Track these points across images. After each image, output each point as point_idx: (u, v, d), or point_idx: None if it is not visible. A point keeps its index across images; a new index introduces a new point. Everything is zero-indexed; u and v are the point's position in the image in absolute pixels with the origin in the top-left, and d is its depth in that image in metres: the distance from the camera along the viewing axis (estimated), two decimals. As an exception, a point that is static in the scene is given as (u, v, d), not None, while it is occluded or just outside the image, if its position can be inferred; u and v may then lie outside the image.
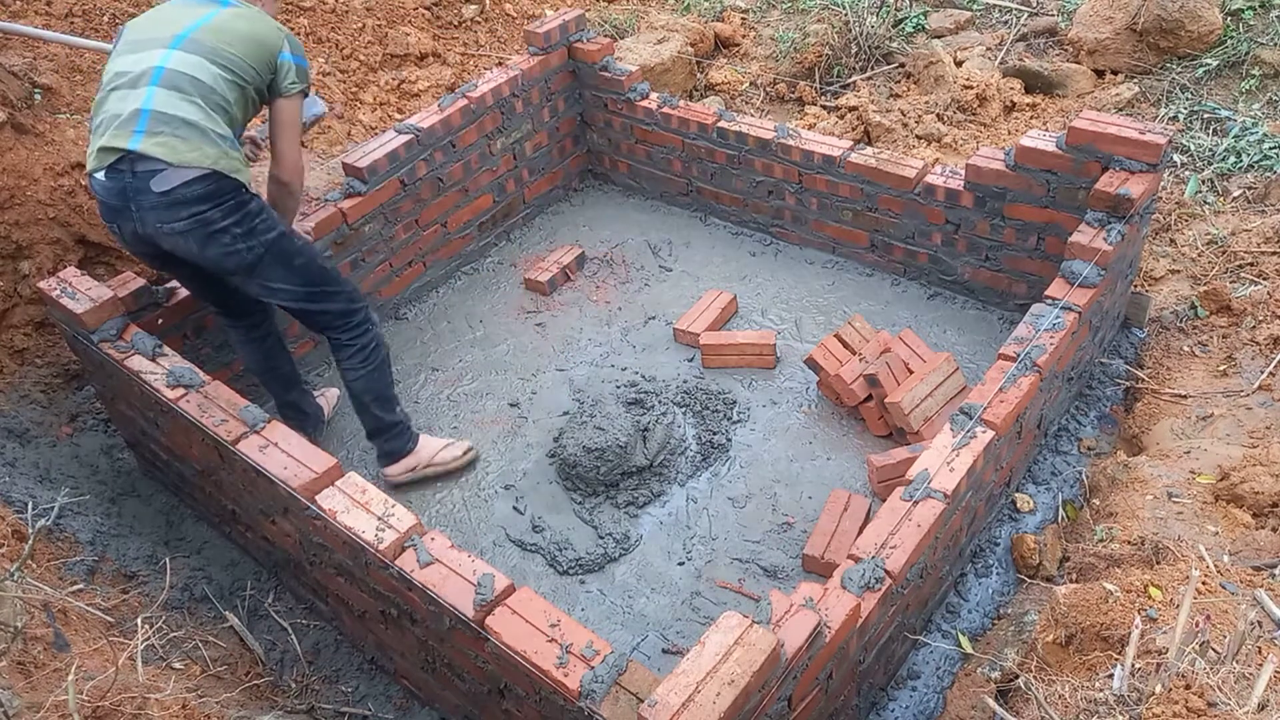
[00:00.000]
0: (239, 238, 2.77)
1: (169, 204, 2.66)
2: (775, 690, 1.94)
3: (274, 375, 3.32)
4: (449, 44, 5.79)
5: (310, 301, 2.99)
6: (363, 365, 3.09)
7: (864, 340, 3.44)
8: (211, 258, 2.79)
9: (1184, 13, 4.64)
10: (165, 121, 2.64)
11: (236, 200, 2.74)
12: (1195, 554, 2.28)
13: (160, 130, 2.63)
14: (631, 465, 3.21)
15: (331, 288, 3.01)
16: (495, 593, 2.13)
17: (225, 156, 2.70)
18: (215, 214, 2.71)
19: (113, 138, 2.64)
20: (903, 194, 3.71)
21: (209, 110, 2.70)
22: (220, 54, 2.73)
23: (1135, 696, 1.72)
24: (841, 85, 5.41)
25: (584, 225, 4.57)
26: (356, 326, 3.07)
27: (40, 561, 2.81)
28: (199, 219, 2.69)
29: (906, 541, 2.30)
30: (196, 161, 2.64)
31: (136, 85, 2.68)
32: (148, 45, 2.75)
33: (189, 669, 2.65)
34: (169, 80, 2.68)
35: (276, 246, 2.85)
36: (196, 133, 2.66)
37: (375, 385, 3.15)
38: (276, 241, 2.85)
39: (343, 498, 2.41)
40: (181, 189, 2.65)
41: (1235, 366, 3.33)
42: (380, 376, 3.15)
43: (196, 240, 2.73)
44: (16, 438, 3.46)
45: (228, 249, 2.77)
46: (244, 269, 2.84)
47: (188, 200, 2.67)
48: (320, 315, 3.04)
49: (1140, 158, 3.08)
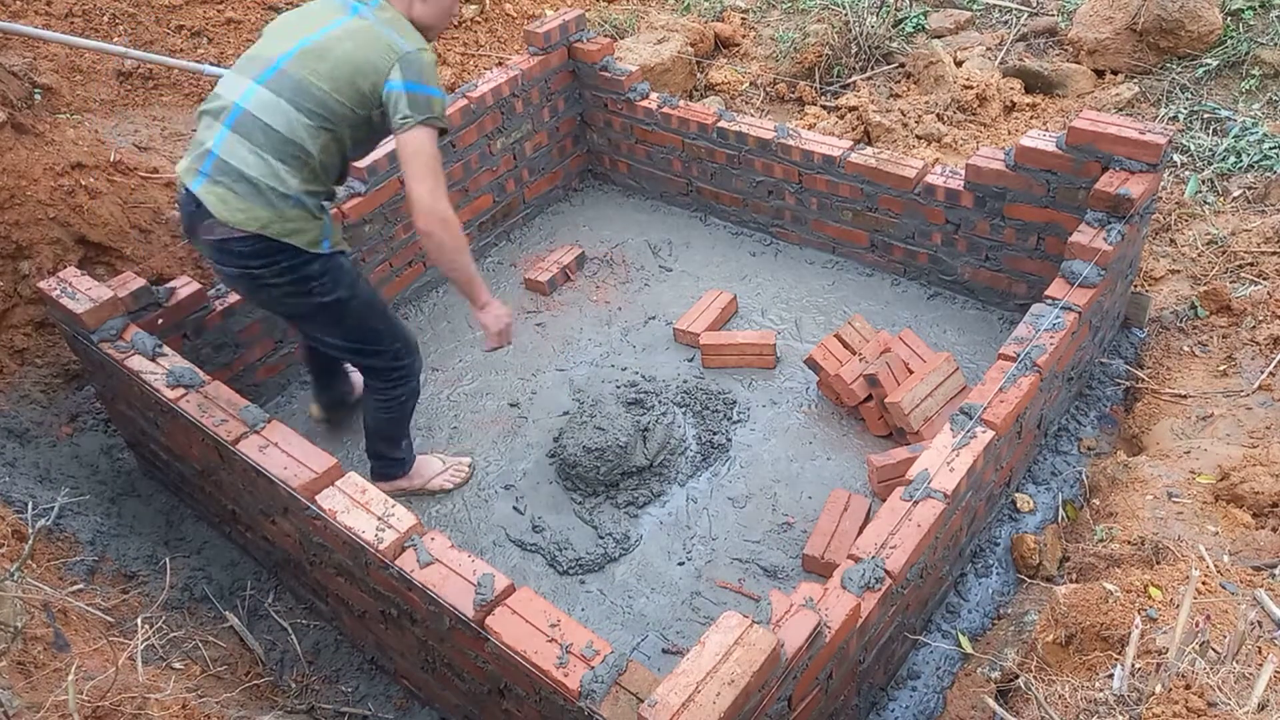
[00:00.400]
0: (289, 294, 2.68)
1: (219, 250, 2.61)
2: (775, 690, 1.94)
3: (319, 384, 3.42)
4: (449, 44, 5.79)
5: (350, 355, 3.00)
6: (384, 410, 3.06)
7: (864, 340, 3.44)
8: (260, 303, 2.86)
9: (1184, 13, 4.64)
10: (225, 172, 2.50)
11: (290, 264, 2.60)
12: (1195, 554, 2.28)
13: (219, 180, 2.51)
14: (631, 465, 3.21)
15: (374, 347, 2.90)
16: (495, 593, 2.13)
17: (279, 220, 2.53)
18: (265, 273, 2.61)
19: (187, 170, 2.58)
20: (903, 194, 3.71)
21: (276, 163, 2.50)
22: (304, 93, 2.48)
23: (1135, 696, 1.72)
24: (841, 85, 5.41)
25: (584, 225, 4.57)
26: (389, 382, 2.99)
27: (40, 561, 2.81)
28: (247, 273, 2.63)
29: (906, 541, 2.30)
30: (243, 224, 2.51)
31: (218, 119, 2.55)
32: (248, 70, 2.56)
33: (189, 669, 2.65)
34: (242, 125, 2.50)
35: (328, 310, 2.74)
36: (253, 191, 2.49)
37: (388, 429, 3.13)
38: (329, 305, 2.72)
39: (343, 498, 2.41)
40: (231, 243, 2.57)
41: (1235, 366, 3.33)
42: (396, 424, 3.11)
43: (243, 288, 2.76)
44: (16, 438, 3.46)
45: (276, 300, 2.74)
46: (290, 316, 2.88)
47: (237, 254, 2.59)
48: (358, 364, 3.04)
49: (1140, 158, 3.08)
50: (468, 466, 3.36)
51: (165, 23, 5.09)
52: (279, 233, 2.55)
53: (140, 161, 3.99)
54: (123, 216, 3.76)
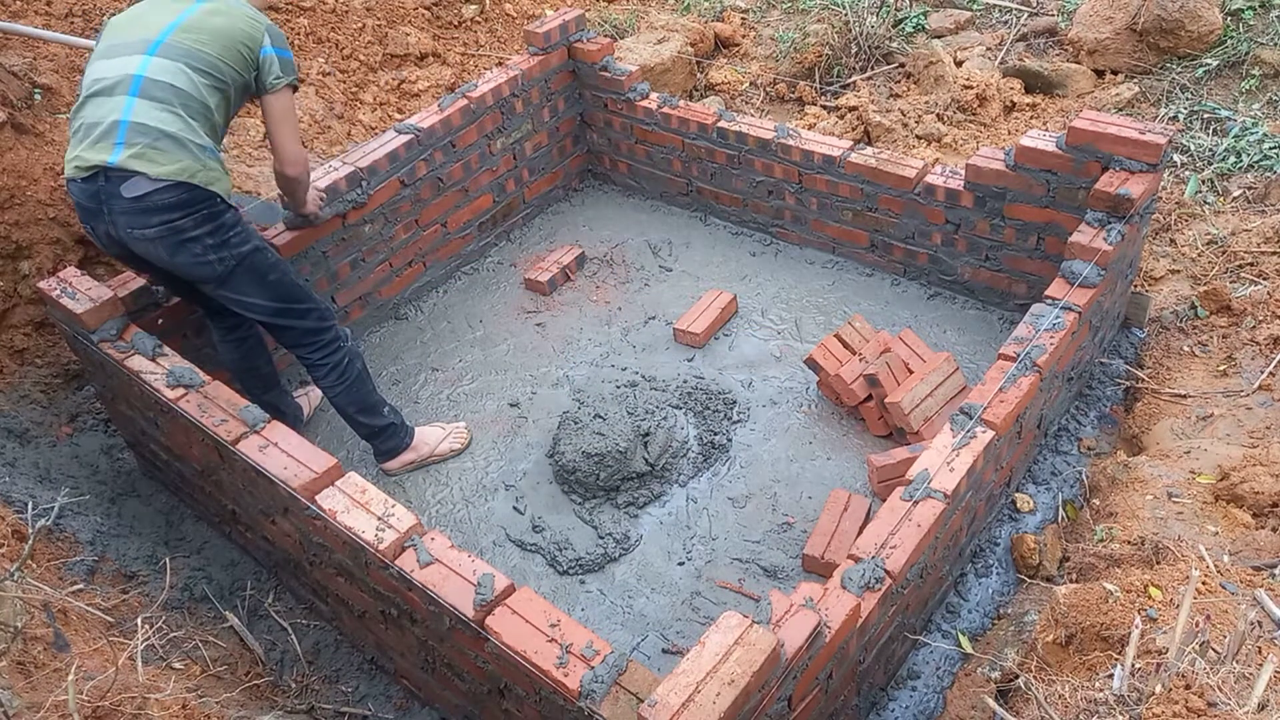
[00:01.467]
0: (210, 248, 2.74)
1: (140, 210, 2.64)
2: (775, 690, 1.94)
3: (252, 374, 3.30)
4: (449, 44, 5.79)
5: (280, 317, 2.98)
6: (339, 381, 3.10)
7: (864, 340, 3.44)
8: (181, 265, 2.76)
9: (1184, 13, 4.64)
10: (143, 133, 2.61)
11: (210, 210, 2.71)
12: (1195, 554, 2.28)
13: (138, 142, 2.60)
14: (631, 470, 3.20)
15: (302, 305, 2.99)
16: (495, 593, 2.13)
17: (203, 169, 2.67)
18: (186, 222, 2.68)
19: (92, 149, 2.62)
20: (903, 194, 3.71)
21: (188, 119, 2.67)
22: (197, 57, 2.69)
23: (1135, 696, 1.72)
24: (841, 85, 5.41)
25: (584, 225, 4.57)
26: (326, 345, 3.05)
27: (40, 561, 2.81)
28: (170, 226, 2.67)
29: (906, 541, 2.30)
30: (174, 175, 2.62)
31: (114, 93, 2.65)
32: (125, 50, 2.71)
33: (189, 669, 2.65)
34: (148, 90, 2.64)
35: (249, 261, 2.83)
36: (175, 144, 2.63)
37: (356, 398, 3.16)
38: (249, 255, 2.83)
39: (343, 498, 2.41)
40: (153, 195, 2.62)
41: (1235, 366, 3.33)
42: (358, 389, 3.15)
43: (166, 247, 2.71)
44: (16, 438, 3.46)
45: (198, 259, 2.74)
46: (214, 279, 2.82)
47: (159, 208, 2.64)
48: (289, 332, 3.03)
49: (1140, 158, 3.08)
50: (465, 430, 3.48)
51: (165, 23, 5.09)
52: (204, 180, 2.67)
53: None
54: (123, 216, 3.76)
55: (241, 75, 2.77)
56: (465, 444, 3.46)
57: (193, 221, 2.69)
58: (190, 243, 2.71)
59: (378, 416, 3.23)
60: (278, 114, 2.86)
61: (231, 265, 2.80)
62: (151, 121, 2.62)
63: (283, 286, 2.95)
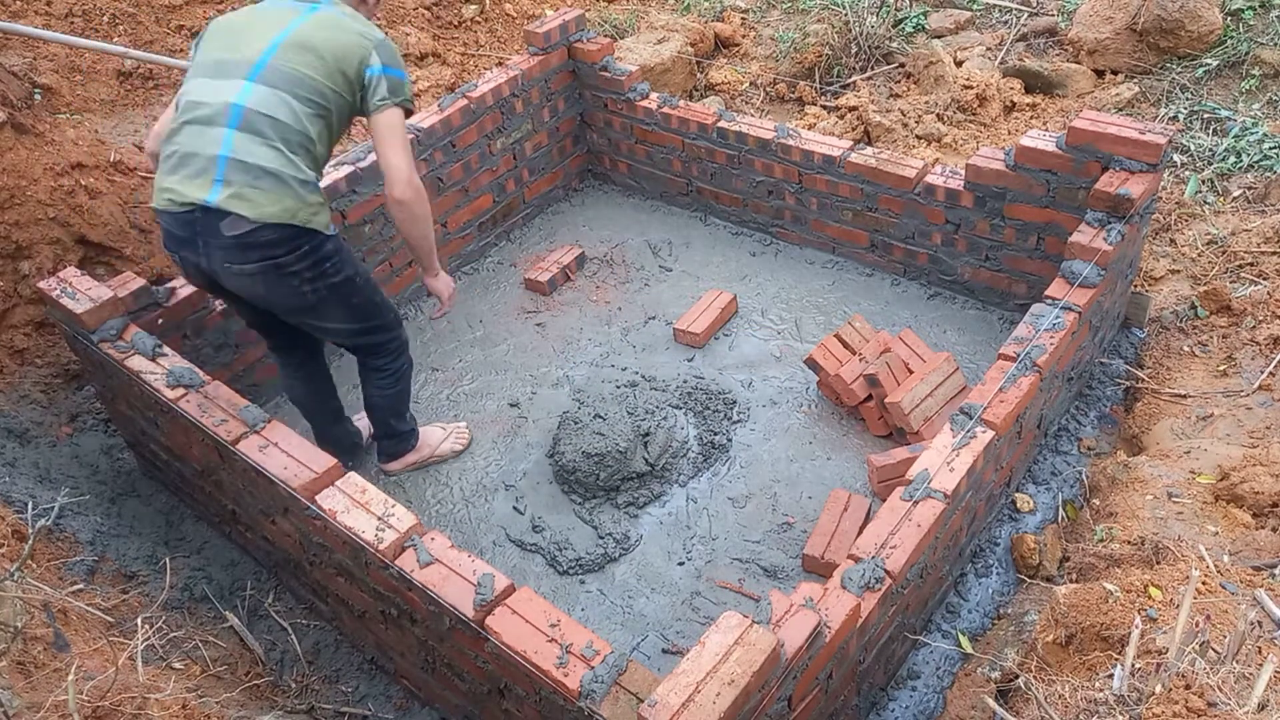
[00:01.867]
0: (306, 280, 2.66)
1: (240, 247, 2.54)
2: (775, 690, 1.94)
3: (321, 409, 3.28)
4: (449, 44, 5.79)
5: (361, 336, 2.97)
6: (393, 386, 3.11)
7: (864, 340, 3.44)
8: (275, 299, 2.71)
9: (1184, 13, 4.64)
10: (244, 170, 2.49)
11: (310, 246, 2.62)
12: (1195, 554, 2.28)
13: (237, 180, 2.48)
14: (631, 470, 3.20)
15: (378, 321, 2.95)
16: (495, 593, 2.13)
17: (304, 207, 2.56)
18: (288, 258, 2.60)
19: (189, 184, 2.50)
20: (903, 194, 3.71)
21: (290, 154, 2.54)
22: (299, 82, 2.54)
23: (1135, 696, 1.72)
24: (841, 85, 5.42)
25: (584, 225, 4.57)
26: (393, 352, 3.05)
27: (40, 561, 2.81)
28: (271, 262, 2.58)
29: (906, 541, 2.30)
30: (277, 217, 2.51)
31: (213, 124, 2.52)
32: (228, 72, 2.57)
33: (189, 669, 2.65)
34: (248, 123, 2.51)
35: (339, 290, 2.76)
36: (276, 182, 2.51)
37: (398, 402, 3.19)
38: (341, 285, 2.75)
39: (343, 498, 2.41)
40: (256, 233, 2.52)
41: (1235, 366, 3.33)
42: (403, 395, 3.18)
43: (264, 283, 2.63)
44: (16, 438, 3.46)
45: (294, 290, 2.67)
46: (303, 310, 2.77)
47: (260, 244, 2.55)
48: (366, 346, 3.03)
49: (1140, 158, 3.08)
50: (466, 430, 3.48)
51: (165, 23, 5.10)
52: (304, 219, 2.57)
53: (140, 161, 3.99)
54: (123, 216, 3.76)
55: (345, 98, 2.62)
56: (466, 444, 3.46)
57: (295, 257, 2.60)
58: (289, 276, 2.63)
59: (404, 421, 3.26)
60: (384, 131, 2.63)
61: (323, 294, 2.73)
62: (252, 159, 2.49)
63: (364, 309, 2.88)
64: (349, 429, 3.39)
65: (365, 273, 2.89)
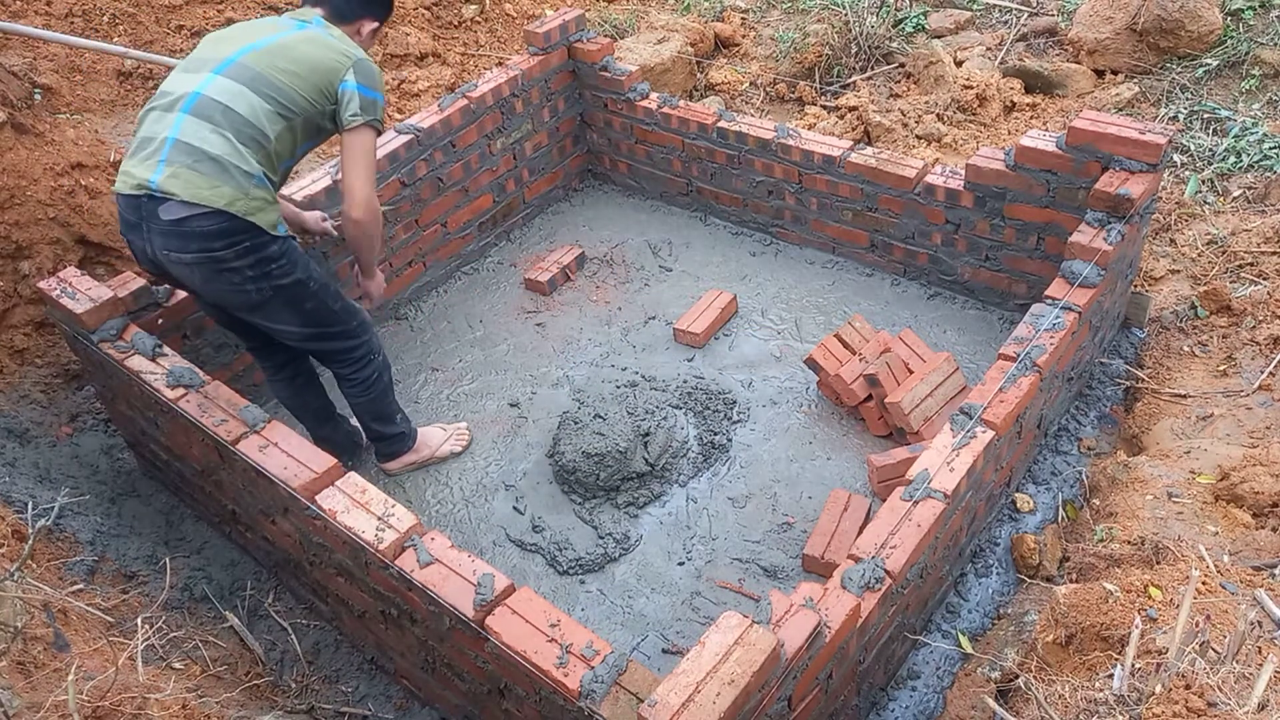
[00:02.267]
0: (249, 279, 2.64)
1: (178, 234, 2.54)
2: (775, 690, 1.94)
3: (305, 411, 3.27)
4: (449, 44, 5.79)
5: (310, 341, 2.93)
6: (363, 394, 3.11)
7: (864, 340, 3.44)
8: (214, 292, 2.69)
9: (1184, 13, 4.64)
10: (187, 153, 2.50)
11: (252, 243, 2.59)
12: (1195, 554, 2.28)
13: (178, 161, 2.50)
14: (631, 470, 3.20)
15: (336, 328, 2.91)
16: (495, 593, 2.13)
17: (244, 197, 2.54)
18: (227, 253, 2.58)
19: (139, 165, 2.54)
20: (903, 194, 3.71)
21: (238, 144, 2.54)
22: (265, 81, 2.58)
23: (1135, 696, 1.72)
24: (841, 85, 5.42)
25: (584, 225, 4.57)
26: (356, 362, 3.01)
27: (40, 561, 2.81)
28: (209, 254, 2.57)
29: (906, 541, 2.30)
30: (210, 200, 2.50)
31: (170, 110, 2.57)
32: (198, 66, 2.62)
33: (189, 669, 2.65)
34: (201, 109, 2.54)
35: (287, 292, 2.73)
36: (217, 168, 2.51)
37: (374, 408, 3.17)
38: (289, 287, 2.72)
39: (343, 498, 2.41)
40: (191, 221, 2.52)
41: (1235, 366, 3.33)
42: (379, 401, 3.15)
43: (201, 274, 2.61)
44: (16, 438, 3.46)
45: (235, 287, 2.65)
46: (248, 307, 2.75)
47: (197, 234, 2.54)
48: (320, 353, 3.02)
49: (1140, 158, 3.08)
50: (466, 431, 3.48)
51: (165, 23, 5.09)
52: (244, 210, 2.55)
53: (140, 161, 3.98)
54: (123, 216, 3.76)
55: (314, 106, 2.66)
56: (466, 445, 3.46)
57: (233, 253, 2.58)
58: (228, 273, 2.61)
59: (390, 425, 3.24)
60: (352, 151, 2.71)
61: (268, 295, 2.70)
62: (196, 141, 2.52)
63: (318, 314, 2.85)
64: (343, 428, 3.38)
65: (322, 278, 2.85)
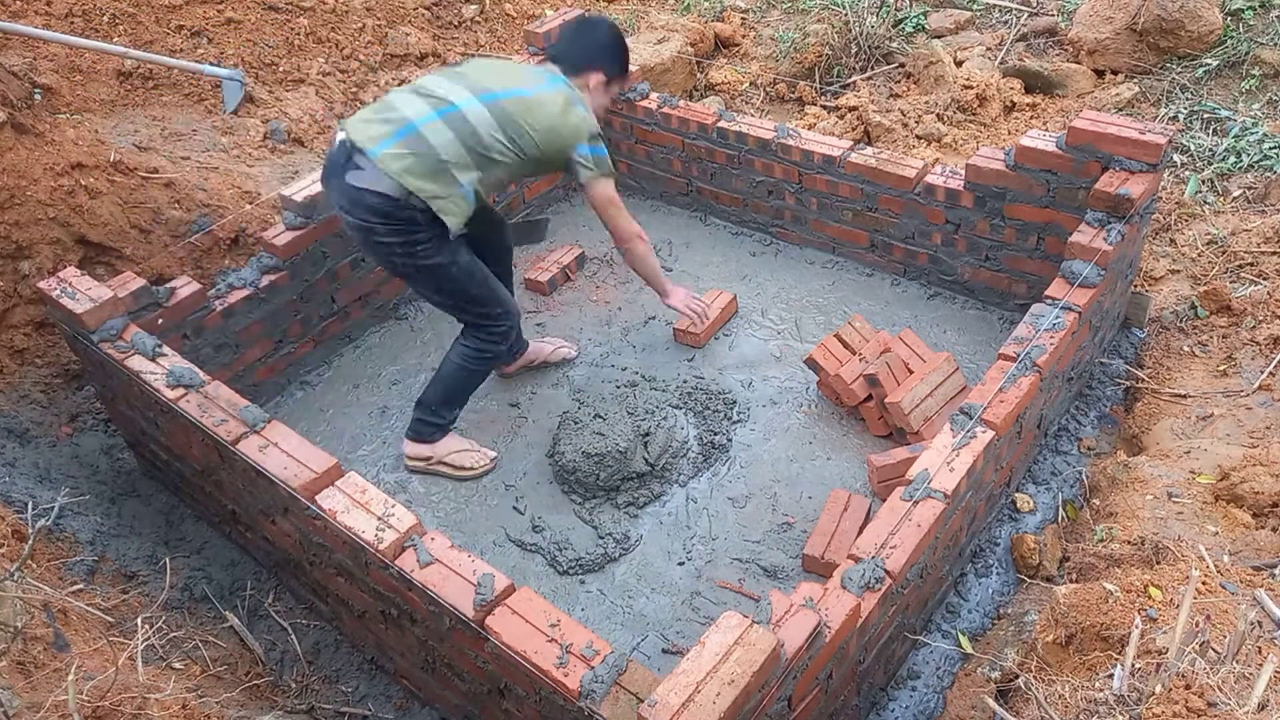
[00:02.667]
0: (396, 252, 2.91)
1: (352, 199, 2.81)
2: (775, 690, 1.94)
3: None
4: (449, 44, 5.79)
5: (449, 310, 3.21)
6: (470, 361, 3.23)
7: (864, 340, 3.44)
8: (370, 255, 3.10)
9: (1184, 13, 4.64)
10: (419, 143, 2.77)
11: (409, 228, 2.85)
12: (1195, 554, 2.28)
13: (410, 148, 2.76)
14: (631, 470, 3.20)
15: (477, 310, 3.15)
16: (495, 593, 2.13)
17: (445, 197, 2.82)
18: (382, 229, 2.84)
19: (377, 126, 2.80)
20: (903, 194, 3.70)
21: (465, 156, 2.83)
22: (513, 126, 2.87)
23: (1135, 696, 1.72)
24: (841, 85, 5.41)
25: (584, 225, 4.57)
26: (488, 338, 3.20)
27: (40, 561, 2.81)
28: (367, 225, 2.83)
29: (906, 541, 2.30)
30: (409, 186, 2.75)
31: (428, 104, 2.83)
32: (467, 84, 2.89)
33: (189, 669, 2.65)
34: (453, 120, 2.82)
35: (429, 272, 2.98)
36: (439, 169, 2.79)
37: (459, 383, 3.27)
38: (432, 269, 2.97)
39: (343, 498, 2.41)
40: (367, 192, 2.78)
41: (1235, 366, 3.33)
42: (470, 379, 3.28)
43: (360, 238, 2.92)
44: (16, 438, 3.46)
45: (384, 256, 2.95)
46: (394, 272, 3.10)
47: (367, 207, 2.80)
48: (456, 317, 3.24)
49: (1140, 158, 3.08)
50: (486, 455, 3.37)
51: (165, 23, 5.09)
52: (437, 204, 2.82)
53: (140, 161, 3.99)
54: (123, 216, 3.76)
55: (548, 157, 2.97)
56: (479, 470, 3.33)
57: (388, 230, 2.84)
58: (380, 245, 2.89)
59: (449, 410, 3.31)
60: (599, 202, 3.10)
61: (411, 270, 2.98)
62: (434, 140, 2.78)
63: (456, 295, 3.11)
64: None
65: (468, 267, 3.06)
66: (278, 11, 5.28)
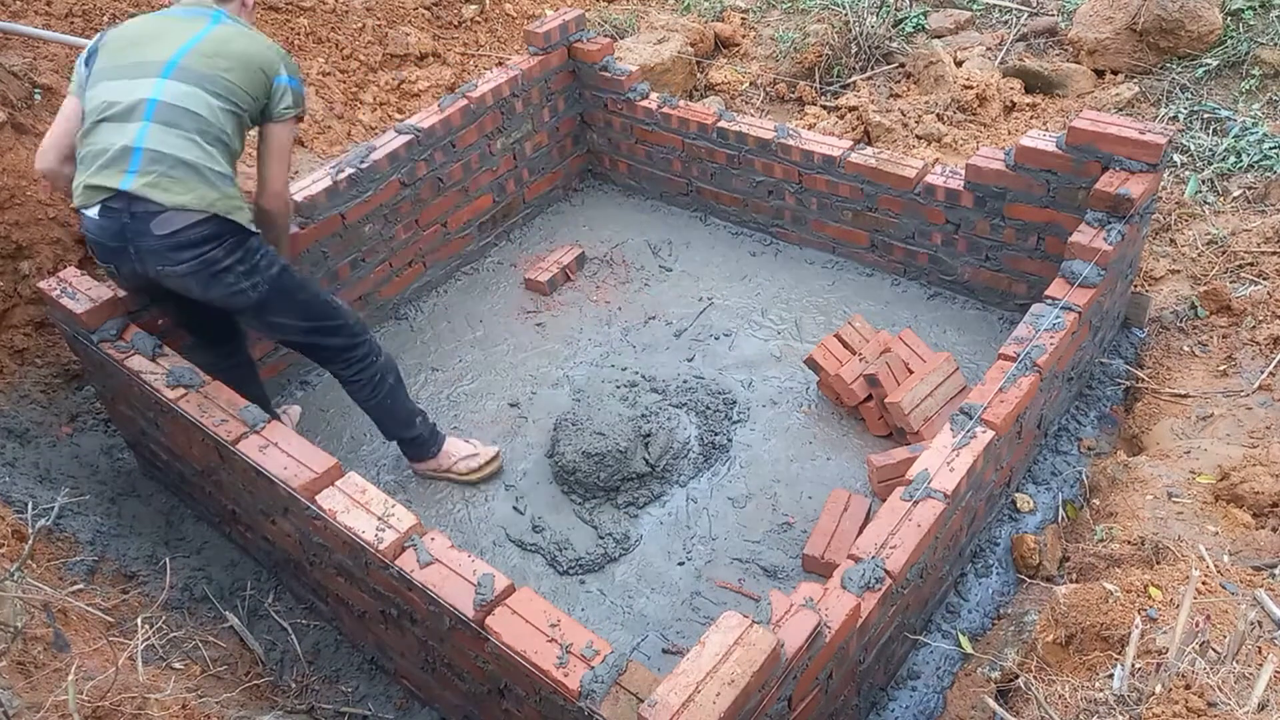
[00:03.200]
0: (242, 276, 2.69)
1: (172, 247, 2.57)
2: (775, 690, 1.94)
3: None
4: (449, 44, 5.79)
5: (313, 336, 2.95)
6: (372, 395, 3.09)
7: (864, 340, 3.44)
8: (216, 298, 2.71)
9: (1184, 13, 4.64)
10: (158, 160, 2.52)
11: (236, 239, 2.65)
12: (1195, 554, 2.28)
13: (153, 169, 2.51)
14: (631, 471, 3.20)
15: (333, 321, 2.95)
16: (495, 593, 2.13)
17: (224, 198, 2.60)
18: (218, 253, 2.62)
19: (102, 175, 2.53)
20: (903, 194, 3.71)
21: (206, 146, 2.59)
22: (216, 81, 2.62)
23: (1135, 696, 1.72)
24: (841, 85, 5.42)
25: (584, 225, 4.57)
26: (359, 360, 3.01)
27: (40, 561, 2.81)
28: (203, 259, 2.60)
29: (906, 541, 2.30)
30: (194, 204, 2.54)
31: (128, 119, 2.55)
32: (137, 71, 2.61)
33: (189, 669, 2.65)
34: (163, 115, 2.55)
35: (279, 283, 2.78)
36: (193, 173, 2.55)
37: (389, 410, 3.15)
38: (278, 277, 2.78)
39: (343, 498, 2.41)
40: (185, 231, 2.55)
41: (1235, 366, 3.33)
42: (392, 402, 3.13)
43: (199, 281, 2.65)
44: (16, 438, 3.46)
45: (232, 288, 2.69)
46: (250, 307, 2.78)
47: (190, 243, 2.57)
48: (322, 350, 3.01)
49: (1140, 158, 3.08)
50: (492, 455, 3.34)
51: (165, 23, 5.09)
52: (226, 209, 2.60)
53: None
54: (123, 216, 3.76)
55: (257, 100, 2.71)
56: (486, 473, 3.32)
57: (223, 251, 2.63)
58: (224, 273, 2.65)
59: (409, 428, 3.21)
60: (275, 145, 2.79)
61: (265, 290, 2.74)
62: (167, 149, 2.53)
63: (313, 304, 2.90)
64: None
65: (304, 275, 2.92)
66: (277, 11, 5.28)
